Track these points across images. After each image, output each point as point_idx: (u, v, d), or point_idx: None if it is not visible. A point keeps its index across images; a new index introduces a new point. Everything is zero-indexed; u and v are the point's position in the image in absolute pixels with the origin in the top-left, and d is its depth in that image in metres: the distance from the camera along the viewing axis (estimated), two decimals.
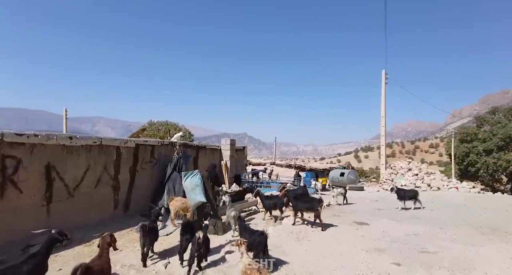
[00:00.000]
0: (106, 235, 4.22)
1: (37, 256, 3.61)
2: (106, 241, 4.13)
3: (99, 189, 7.53)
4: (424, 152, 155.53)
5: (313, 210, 7.16)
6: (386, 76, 20.02)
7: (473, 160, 34.31)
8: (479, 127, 38.22)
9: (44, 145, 6.35)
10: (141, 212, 8.66)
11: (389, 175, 17.43)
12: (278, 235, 6.27)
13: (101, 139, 7.55)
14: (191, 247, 4.93)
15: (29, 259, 3.49)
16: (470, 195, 13.09)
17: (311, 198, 7.76)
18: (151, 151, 9.08)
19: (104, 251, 4.02)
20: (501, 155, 33.37)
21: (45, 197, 6.39)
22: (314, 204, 7.18)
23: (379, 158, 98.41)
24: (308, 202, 7.39)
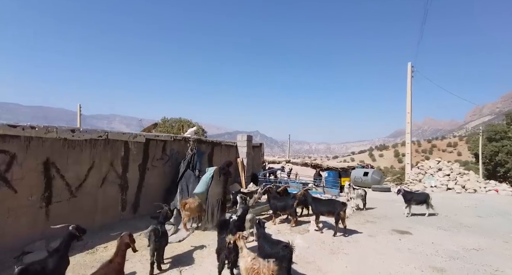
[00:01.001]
0: (124, 234, 3.79)
1: (58, 251, 3.66)
2: (124, 241, 3.70)
3: (105, 188, 6.78)
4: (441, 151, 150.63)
5: (334, 213, 6.20)
6: (412, 70, 18.63)
7: (503, 159, 32.19)
8: (509, 124, 35.92)
9: (42, 139, 5.62)
10: (151, 213, 7.87)
11: (416, 175, 16.13)
12: (308, 246, 5.33)
13: (107, 132, 6.78)
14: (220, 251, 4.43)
15: (53, 254, 3.62)
16: None
17: (332, 200, 6.79)
18: (162, 147, 8.28)
19: (119, 253, 3.61)
20: None
21: (44, 197, 5.66)
22: (336, 207, 6.22)
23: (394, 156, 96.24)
24: (328, 205, 6.45)
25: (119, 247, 3.66)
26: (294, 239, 5.71)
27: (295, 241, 5.53)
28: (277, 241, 4.18)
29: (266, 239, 4.28)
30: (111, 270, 3.44)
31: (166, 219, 5.58)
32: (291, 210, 7.21)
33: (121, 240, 3.73)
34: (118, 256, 3.59)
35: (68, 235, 3.94)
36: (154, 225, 5.25)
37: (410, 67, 18.63)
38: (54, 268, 3.51)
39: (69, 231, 3.98)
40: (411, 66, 18.63)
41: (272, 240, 4.24)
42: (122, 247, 3.67)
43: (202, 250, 5.79)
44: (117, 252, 3.62)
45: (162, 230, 5.01)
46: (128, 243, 3.73)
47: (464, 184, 13.77)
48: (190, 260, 5.31)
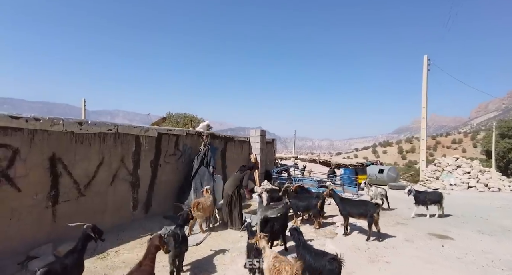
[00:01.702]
0: (154, 236, 3.56)
1: (74, 252, 3.48)
2: (154, 244, 3.44)
3: (115, 186, 6.26)
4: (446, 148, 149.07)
5: (367, 215, 5.63)
6: (428, 63, 17.88)
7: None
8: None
9: (48, 132, 5.08)
10: (163, 213, 7.38)
11: (432, 173, 15.48)
12: (342, 253, 4.75)
13: (117, 126, 6.24)
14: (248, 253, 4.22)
15: (69, 254, 3.46)
16: None
17: (364, 201, 6.22)
18: (175, 142, 7.74)
19: (149, 256, 3.35)
20: None
21: (50, 196, 5.15)
22: (369, 209, 5.65)
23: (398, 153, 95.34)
24: (360, 206, 5.85)
25: (148, 250, 3.40)
26: (325, 244, 5.19)
27: (326, 246, 5.01)
28: (322, 252, 3.64)
29: (307, 248, 3.74)
30: (143, 274, 3.20)
31: (186, 222, 5.09)
32: (314, 211, 6.67)
33: (151, 242, 3.49)
34: (147, 259, 3.32)
35: (84, 235, 3.68)
36: (173, 229, 4.76)
37: (426, 60, 17.89)
38: (69, 272, 3.27)
39: (84, 231, 3.71)
40: (427, 59, 17.89)
41: (316, 251, 3.69)
42: (152, 250, 3.41)
43: (223, 255, 5.27)
44: (146, 255, 3.35)
45: (182, 234, 4.54)
46: (159, 246, 3.48)
47: (486, 182, 13.13)
48: (211, 267, 4.80)
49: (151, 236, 3.62)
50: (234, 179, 6.90)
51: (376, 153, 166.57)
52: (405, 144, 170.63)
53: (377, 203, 6.05)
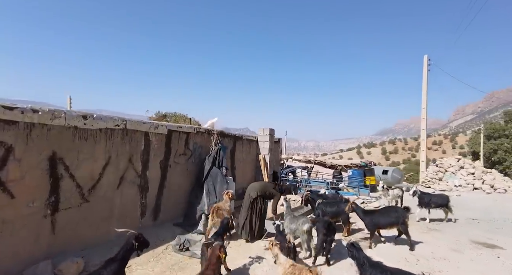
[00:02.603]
0: (216, 245, 3.48)
1: (114, 261, 3.19)
2: (216, 254, 3.35)
3: (122, 190, 5.47)
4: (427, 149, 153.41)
5: (397, 223, 5.11)
6: (429, 63, 17.82)
7: (501, 157, 32.20)
8: (507, 123, 36.09)
9: (47, 127, 4.26)
10: (173, 220, 6.62)
11: (435, 174, 15.35)
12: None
13: (125, 121, 5.45)
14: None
15: (108, 264, 3.15)
16: None
17: (390, 208, 5.68)
18: (185, 140, 6.99)
19: (211, 267, 3.24)
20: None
21: (49, 203, 4.33)
22: (399, 216, 5.12)
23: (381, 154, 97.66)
24: (388, 214, 5.28)
25: (210, 260, 3.31)
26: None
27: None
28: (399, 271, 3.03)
29: (378, 266, 3.12)
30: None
31: (226, 230, 4.62)
32: (344, 217, 6.09)
33: (213, 252, 3.37)
34: (209, 269, 3.22)
35: (127, 245, 3.35)
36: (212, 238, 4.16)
37: (426, 60, 17.83)
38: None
39: (128, 240, 3.39)
40: (427, 59, 17.83)
41: (392, 270, 3.08)
42: (213, 260, 3.31)
43: (253, 270, 4.59)
44: (208, 266, 3.26)
45: (221, 244, 3.87)
46: (220, 255, 3.36)
47: (492, 183, 13.05)
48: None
49: (212, 245, 3.41)
50: (262, 185, 6.25)
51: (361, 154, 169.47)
52: (388, 145, 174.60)
53: (406, 207, 5.55)
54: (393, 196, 7.82)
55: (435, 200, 7.16)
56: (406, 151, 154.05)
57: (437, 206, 7.08)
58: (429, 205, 7.05)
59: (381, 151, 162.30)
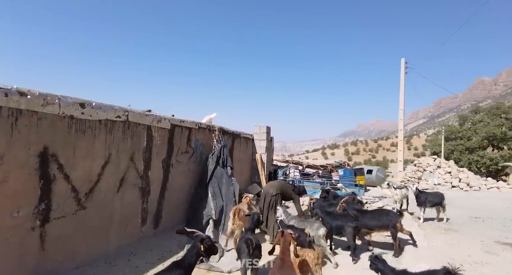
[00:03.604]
0: (286, 233, 3.45)
1: (179, 267, 2.92)
2: (288, 240, 3.37)
3: (123, 193, 4.61)
4: (386, 150, 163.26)
5: (387, 226, 4.89)
6: (406, 66, 18.51)
7: (457, 157, 34.82)
8: (461, 125, 39.22)
9: (37, 115, 3.36)
10: (174, 226, 5.82)
11: (413, 173, 15.92)
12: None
13: (127, 111, 4.60)
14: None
15: (173, 270, 2.88)
16: None
17: (382, 210, 5.44)
18: (187, 137, 6.22)
19: (287, 253, 3.24)
20: (485, 153, 34.27)
21: (38, 212, 3.41)
22: (390, 219, 4.91)
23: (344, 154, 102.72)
24: (378, 217, 5.04)
25: (285, 245, 3.30)
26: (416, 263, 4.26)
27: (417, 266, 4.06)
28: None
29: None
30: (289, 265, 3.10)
31: (258, 225, 4.52)
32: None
33: (285, 239, 3.37)
34: (286, 254, 3.21)
35: (195, 248, 3.10)
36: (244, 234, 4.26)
37: (404, 63, 18.50)
38: None
39: (195, 243, 3.15)
40: (404, 62, 18.50)
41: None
42: (287, 245, 3.34)
43: None
44: (284, 250, 3.25)
45: (255, 239, 3.81)
46: (290, 241, 3.39)
47: (467, 181, 13.75)
48: None
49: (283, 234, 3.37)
50: (281, 184, 5.88)
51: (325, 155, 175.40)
52: (350, 147, 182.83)
53: (400, 211, 5.32)
54: (401, 195, 7.68)
55: (430, 199, 7.06)
56: (367, 152, 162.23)
57: (433, 204, 7.01)
58: (424, 204, 6.98)
59: (344, 152, 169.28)
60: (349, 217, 5.11)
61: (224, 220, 5.84)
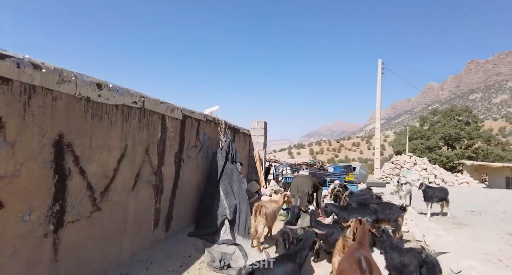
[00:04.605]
0: (364, 221, 3.55)
1: (290, 259, 3.01)
2: (367, 227, 3.45)
3: (137, 192, 4.00)
4: (347, 150, 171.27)
5: (389, 220, 4.94)
6: (382, 66, 19.25)
7: (419, 155, 37.34)
8: (422, 126, 42.12)
9: (52, 94, 2.71)
10: (184, 228, 5.28)
11: (391, 170, 16.58)
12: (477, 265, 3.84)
13: (143, 97, 4.00)
14: None
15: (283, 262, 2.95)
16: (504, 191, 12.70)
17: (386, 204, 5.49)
18: (196, 129, 5.68)
19: (365, 239, 3.25)
20: (442, 151, 37.11)
21: (52, 214, 2.76)
22: (393, 212, 4.98)
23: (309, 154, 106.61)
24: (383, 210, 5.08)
25: (363, 232, 3.38)
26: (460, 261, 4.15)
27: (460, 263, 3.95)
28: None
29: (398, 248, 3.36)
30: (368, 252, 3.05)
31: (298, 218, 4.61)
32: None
33: (364, 226, 3.48)
34: (365, 241, 3.24)
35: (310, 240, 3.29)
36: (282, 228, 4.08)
37: (381, 64, 19.20)
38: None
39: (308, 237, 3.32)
40: (381, 63, 19.21)
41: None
42: (365, 232, 3.40)
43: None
44: (362, 236, 3.30)
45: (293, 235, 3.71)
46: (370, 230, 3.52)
47: (442, 177, 14.59)
48: None
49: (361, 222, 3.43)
50: (310, 178, 5.65)
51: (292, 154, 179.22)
52: (315, 146, 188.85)
53: (403, 205, 5.38)
54: (406, 191, 7.78)
55: (438, 194, 7.18)
56: (330, 151, 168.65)
57: (440, 199, 7.16)
58: (432, 199, 7.13)
59: (309, 151, 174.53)
60: (367, 211, 4.98)
61: (239, 220, 5.41)
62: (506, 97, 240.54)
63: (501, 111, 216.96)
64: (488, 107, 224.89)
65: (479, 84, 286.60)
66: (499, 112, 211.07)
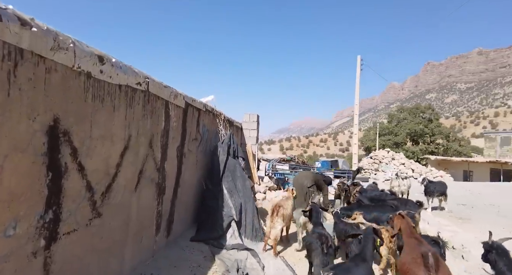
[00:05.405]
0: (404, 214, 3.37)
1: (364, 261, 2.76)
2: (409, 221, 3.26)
3: (140, 192, 3.33)
4: (316, 146, 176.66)
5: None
6: (361, 63, 19.56)
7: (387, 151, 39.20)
8: (390, 122, 44.12)
9: (45, 63, 2.00)
10: (184, 232, 4.66)
11: (370, 165, 16.91)
12: None
13: (147, 78, 3.32)
14: None
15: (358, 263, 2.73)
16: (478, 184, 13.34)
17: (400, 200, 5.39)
18: (197, 120, 5.04)
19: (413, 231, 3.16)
20: (408, 147, 39.15)
21: (43, 225, 2.06)
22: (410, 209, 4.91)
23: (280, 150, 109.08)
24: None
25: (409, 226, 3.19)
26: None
27: None
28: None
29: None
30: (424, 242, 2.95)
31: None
32: None
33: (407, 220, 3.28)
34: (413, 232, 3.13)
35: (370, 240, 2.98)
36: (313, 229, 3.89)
37: (360, 60, 19.48)
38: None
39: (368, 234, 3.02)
40: (360, 59, 19.50)
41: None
42: (411, 224, 3.24)
43: None
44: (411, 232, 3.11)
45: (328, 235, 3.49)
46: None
47: (419, 171, 15.12)
48: None
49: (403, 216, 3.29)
50: (313, 174, 5.34)
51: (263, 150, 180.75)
52: (285, 142, 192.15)
53: (419, 201, 5.32)
54: (407, 186, 7.72)
55: (438, 188, 7.20)
56: (300, 147, 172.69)
57: (440, 194, 7.20)
58: (434, 194, 7.14)
59: (279, 147, 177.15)
60: (387, 207, 4.74)
61: (245, 221, 4.90)
62: (455, 98, 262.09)
63: (451, 110, 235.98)
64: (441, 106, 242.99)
65: (434, 85, 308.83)
66: (450, 111, 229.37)
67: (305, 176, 5.59)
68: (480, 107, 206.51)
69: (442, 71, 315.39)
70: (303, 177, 5.62)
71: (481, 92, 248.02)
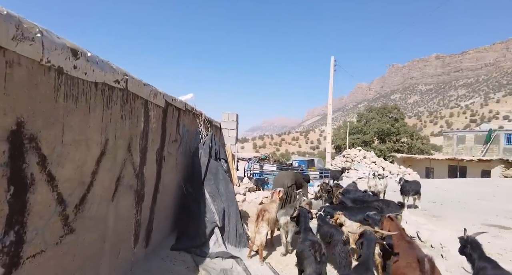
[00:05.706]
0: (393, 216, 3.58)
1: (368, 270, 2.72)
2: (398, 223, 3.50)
3: (117, 201, 2.99)
4: (288, 144, 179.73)
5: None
6: (335, 63, 19.95)
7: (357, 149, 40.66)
8: (359, 121, 45.78)
9: (5, 56, 1.65)
10: (163, 241, 4.35)
11: (343, 163, 17.34)
12: None
13: (127, 76, 2.98)
14: None
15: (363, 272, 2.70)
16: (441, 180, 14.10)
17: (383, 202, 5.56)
18: (177, 120, 4.72)
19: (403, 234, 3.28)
20: (376, 145, 40.90)
21: (1, 250, 1.72)
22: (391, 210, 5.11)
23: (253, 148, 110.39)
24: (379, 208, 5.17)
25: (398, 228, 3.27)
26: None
27: None
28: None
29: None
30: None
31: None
32: None
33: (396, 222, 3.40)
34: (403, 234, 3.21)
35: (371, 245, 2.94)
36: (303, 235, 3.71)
37: (333, 61, 19.87)
38: None
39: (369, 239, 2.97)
40: (333, 59, 19.88)
41: None
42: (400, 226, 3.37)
43: None
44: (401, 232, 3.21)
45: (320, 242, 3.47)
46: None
47: (390, 169, 15.74)
48: None
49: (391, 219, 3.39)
50: (294, 173, 5.28)
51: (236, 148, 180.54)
52: (258, 141, 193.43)
53: (401, 202, 5.50)
54: (384, 185, 7.86)
55: (414, 187, 7.40)
56: (272, 145, 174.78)
57: (415, 193, 7.43)
58: (409, 192, 7.36)
59: (252, 145, 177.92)
60: (372, 210, 4.77)
61: (229, 227, 4.69)
62: (417, 99, 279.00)
63: (414, 110, 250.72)
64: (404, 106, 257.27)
65: (398, 86, 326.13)
66: (412, 111, 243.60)
67: (286, 175, 5.69)
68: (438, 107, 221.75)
69: (405, 73, 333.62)
70: (284, 177, 5.73)
71: (438, 94, 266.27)
